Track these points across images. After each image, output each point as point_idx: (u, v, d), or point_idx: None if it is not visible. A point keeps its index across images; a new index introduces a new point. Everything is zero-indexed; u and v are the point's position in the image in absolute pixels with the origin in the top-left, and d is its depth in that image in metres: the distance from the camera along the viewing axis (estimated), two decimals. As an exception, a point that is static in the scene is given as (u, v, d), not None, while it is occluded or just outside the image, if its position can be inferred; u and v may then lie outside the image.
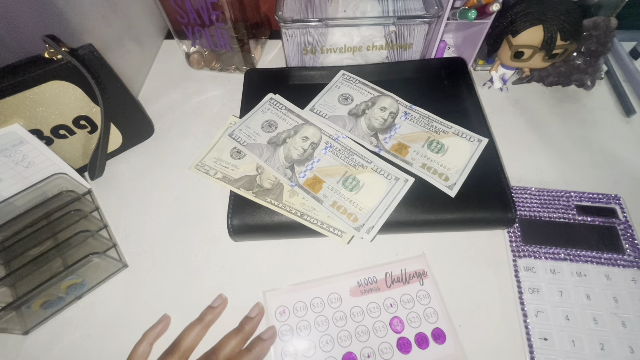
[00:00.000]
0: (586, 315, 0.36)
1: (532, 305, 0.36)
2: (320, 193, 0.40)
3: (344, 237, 0.38)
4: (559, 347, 0.34)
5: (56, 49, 0.37)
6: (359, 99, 0.47)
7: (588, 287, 0.37)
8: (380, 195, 0.39)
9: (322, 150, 0.43)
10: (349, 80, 0.49)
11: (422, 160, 0.42)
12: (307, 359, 0.35)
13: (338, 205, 0.39)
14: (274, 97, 0.48)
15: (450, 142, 0.43)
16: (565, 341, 0.34)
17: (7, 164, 0.39)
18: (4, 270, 0.37)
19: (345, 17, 0.48)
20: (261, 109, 0.47)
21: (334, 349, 0.35)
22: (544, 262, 0.38)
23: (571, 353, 0.34)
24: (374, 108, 0.46)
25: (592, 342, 0.34)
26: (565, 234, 0.40)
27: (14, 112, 0.37)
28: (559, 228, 0.40)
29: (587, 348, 0.34)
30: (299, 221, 0.39)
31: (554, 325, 0.35)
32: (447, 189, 0.39)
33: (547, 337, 0.35)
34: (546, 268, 0.38)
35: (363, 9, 0.49)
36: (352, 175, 0.40)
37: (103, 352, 0.36)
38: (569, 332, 0.35)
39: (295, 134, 0.44)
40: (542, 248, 0.39)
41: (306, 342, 0.36)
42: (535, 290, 0.37)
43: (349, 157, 0.42)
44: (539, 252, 0.39)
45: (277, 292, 0.38)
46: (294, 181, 0.41)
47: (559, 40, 0.43)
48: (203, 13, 0.49)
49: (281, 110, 0.46)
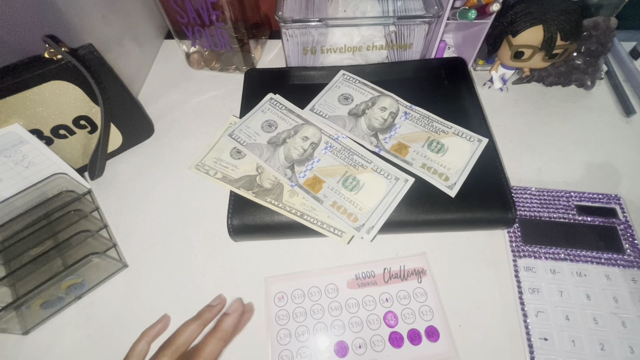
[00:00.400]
0: (586, 315, 0.36)
1: (532, 305, 0.36)
2: (320, 193, 0.40)
3: (344, 237, 0.38)
4: (559, 347, 0.34)
5: (56, 49, 0.37)
6: (359, 99, 0.47)
7: (588, 287, 0.37)
8: (381, 195, 0.39)
9: (322, 150, 0.43)
10: (349, 80, 0.49)
11: (422, 160, 0.41)
12: (301, 343, 0.36)
13: (338, 205, 0.39)
14: (274, 97, 0.48)
15: (450, 142, 0.43)
16: (565, 341, 0.34)
17: (7, 164, 0.39)
18: (4, 270, 0.37)
19: (345, 17, 0.48)
20: (261, 109, 0.47)
21: (327, 336, 0.36)
22: (544, 262, 0.38)
23: (571, 353, 0.34)
24: (374, 108, 0.46)
25: (592, 342, 0.34)
26: (565, 234, 0.40)
27: (14, 112, 0.37)
28: (559, 228, 0.40)
29: (587, 348, 0.34)
30: (299, 221, 0.39)
31: (554, 326, 0.35)
32: (447, 189, 0.39)
33: (547, 337, 0.35)
34: (546, 268, 0.38)
35: (363, 9, 0.49)
36: (352, 175, 0.40)
37: (103, 352, 0.36)
38: (569, 332, 0.35)
39: (295, 134, 0.44)
40: (542, 248, 0.39)
41: (301, 327, 0.36)
42: (535, 290, 0.37)
43: (349, 157, 0.42)
44: (539, 252, 0.39)
45: (277, 278, 0.39)
46: (294, 181, 0.41)
47: (559, 40, 0.43)
48: (203, 13, 0.49)
49: (281, 110, 0.46)
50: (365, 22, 0.47)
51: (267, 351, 0.35)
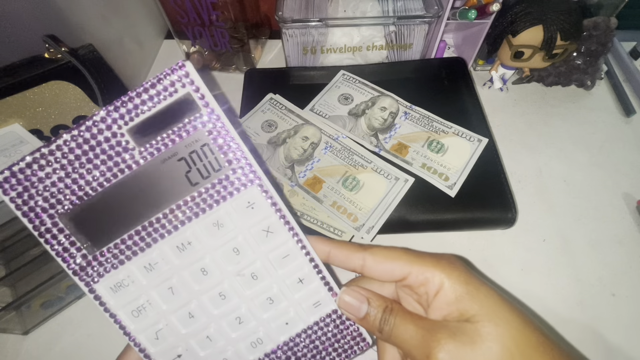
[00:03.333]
0: (204, 301, 0.22)
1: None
2: (320, 193, 0.40)
3: (343, 237, 0.38)
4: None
5: (56, 49, 0.37)
6: (359, 98, 0.47)
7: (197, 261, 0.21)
8: (380, 195, 0.39)
9: (322, 150, 0.43)
10: (349, 80, 0.49)
11: (422, 160, 0.41)
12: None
13: (338, 205, 0.39)
14: (274, 97, 0.48)
15: (451, 142, 0.43)
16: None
17: (7, 164, 0.39)
18: (4, 270, 0.37)
19: (345, 17, 0.48)
20: (261, 109, 0.47)
21: None
22: (127, 265, 0.21)
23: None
24: (374, 108, 0.46)
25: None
26: None
27: (14, 112, 0.37)
28: None
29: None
30: (299, 221, 0.39)
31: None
32: (447, 189, 0.39)
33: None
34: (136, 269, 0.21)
35: (363, 9, 0.49)
36: (352, 175, 0.40)
37: (103, 352, 0.36)
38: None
39: (295, 134, 0.44)
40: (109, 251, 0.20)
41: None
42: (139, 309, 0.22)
43: (349, 157, 0.42)
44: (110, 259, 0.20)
45: None
46: (294, 181, 0.41)
47: (559, 40, 0.43)
48: (203, 13, 0.49)
49: (281, 110, 0.46)
50: (365, 22, 0.47)
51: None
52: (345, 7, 0.49)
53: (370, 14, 0.48)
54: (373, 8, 0.49)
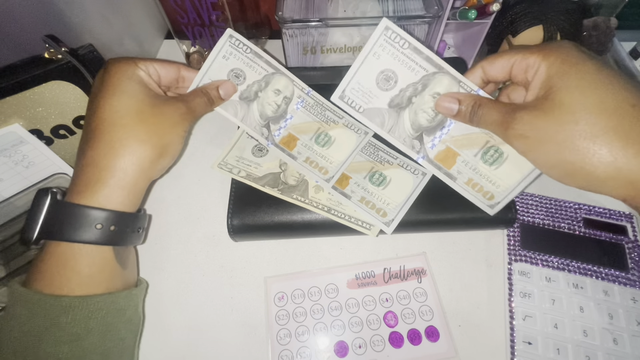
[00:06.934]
0: (576, 326, 0.35)
1: (521, 308, 0.36)
2: (294, 150, 0.40)
3: (372, 230, 0.38)
4: (542, 353, 0.34)
5: (56, 49, 0.37)
6: (408, 79, 0.36)
7: (583, 299, 0.36)
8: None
9: (295, 106, 0.41)
10: (394, 47, 0.35)
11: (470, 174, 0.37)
12: (301, 343, 0.36)
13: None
14: (233, 34, 0.38)
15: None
16: (549, 348, 0.34)
17: (7, 164, 0.39)
18: (4, 270, 0.37)
19: (345, 17, 0.48)
20: (222, 53, 0.39)
21: (327, 336, 0.36)
22: (540, 269, 0.38)
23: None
24: (423, 94, 0.35)
25: (578, 354, 0.34)
26: (567, 244, 0.39)
27: (14, 112, 0.37)
28: (561, 237, 0.40)
29: (571, 358, 0.34)
30: (327, 216, 0.39)
31: (540, 331, 0.35)
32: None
33: (532, 341, 0.34)
34: (542, 275, 0.38)
35: (363, 9, 0.49)
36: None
37: (103, 352, 0.36)
38: (554, 340, 0.34)
39: (266, 86, 0.40)
40: (539, 255, 0.39)
41: (301, 327, 0.37)
42: (526, 294, 0.37)
43: (321, 113, 0.41)
44: (536, 258, 0.38)
45: (277, 278, 0.39)
46: (270, 140, 0.40)
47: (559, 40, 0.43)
48: (203, 13, 0.49)
49: (246, 54, 0.39)
50: (365, 22, 0.47)
51: (267, 351, 0.35)
52: (345, 7, 0.49)
53: (370, 14, 0.48)
54: (373, 8, 0.49)
